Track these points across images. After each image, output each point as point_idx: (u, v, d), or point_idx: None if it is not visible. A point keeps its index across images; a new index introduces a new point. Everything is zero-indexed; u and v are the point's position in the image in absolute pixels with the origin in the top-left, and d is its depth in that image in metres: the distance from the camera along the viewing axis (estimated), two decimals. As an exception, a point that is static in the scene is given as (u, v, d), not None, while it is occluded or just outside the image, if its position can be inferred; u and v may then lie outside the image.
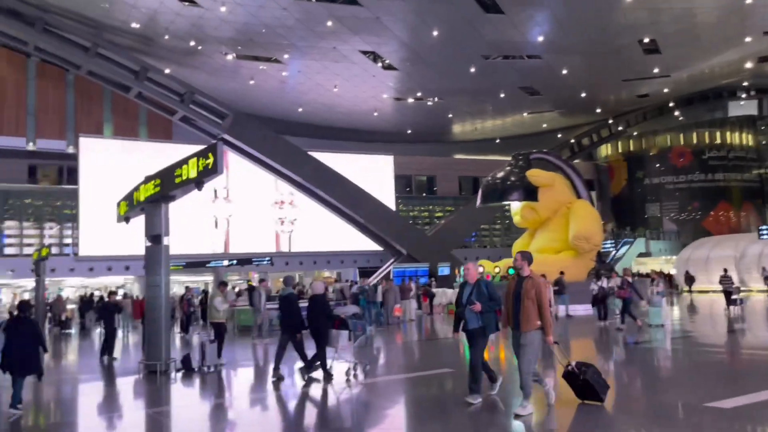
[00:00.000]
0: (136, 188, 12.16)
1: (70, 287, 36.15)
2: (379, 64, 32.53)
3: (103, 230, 29.79)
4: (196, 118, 31.33)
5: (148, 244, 11.69)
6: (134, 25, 29.23)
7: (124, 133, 34.32)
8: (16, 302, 26.82)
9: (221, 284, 13.74)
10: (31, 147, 33.34)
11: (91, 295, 29.58)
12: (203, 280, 34.87)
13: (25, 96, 33.04)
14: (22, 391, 8.57)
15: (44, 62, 32.88)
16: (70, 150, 34.13)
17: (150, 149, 33.85)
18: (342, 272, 39.89)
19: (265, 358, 13.80)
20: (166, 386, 10.75)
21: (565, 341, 14.17)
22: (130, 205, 12.80)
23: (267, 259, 32.78)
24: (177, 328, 21.57)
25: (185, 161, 10.04)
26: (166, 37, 30.09)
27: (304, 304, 10.98)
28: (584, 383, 7.34)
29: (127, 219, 13.32)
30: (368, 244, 37.23)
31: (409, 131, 43.60)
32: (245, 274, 37.77)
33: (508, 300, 7.31)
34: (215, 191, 35.13)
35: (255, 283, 22.91)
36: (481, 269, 8.60)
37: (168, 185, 10.67)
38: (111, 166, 32.39)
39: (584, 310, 20.77)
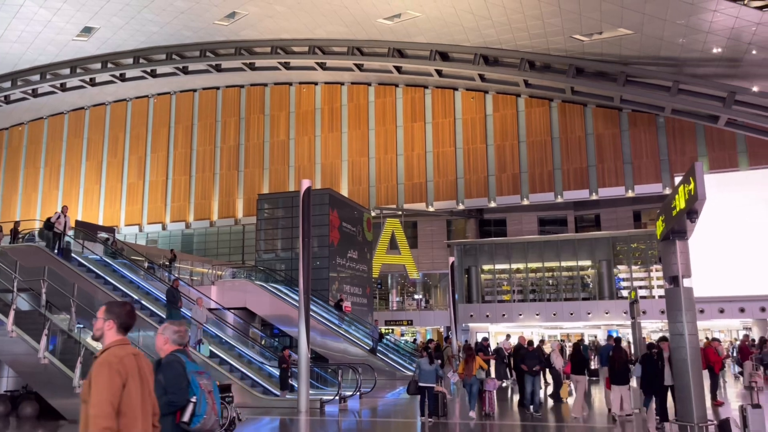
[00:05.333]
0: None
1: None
2: None
3: (712, 269, 28.28)
4: (802, 133, 26.67)
5: (668, 286, 10.50)
6: (716, 51, 27.68)
7: (721, 165, 32.05)
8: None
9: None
10: (630, 194, 34.95)
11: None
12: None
13: (621, 147, 35.10)
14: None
15: (634, 111, 34.35)
16: (666, 191, 34.16)
17: (756, 178, 30.93)
18: None
19: None
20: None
21: None
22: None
23: None
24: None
25: (676, 190, 8.71)
26: (754, 52, 27.15)
27: None
28: None
29: (659, 259, 12.36)
30: None
31: None
32: None
33: None
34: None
35: None
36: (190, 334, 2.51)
37: (669, 219, 9.44)
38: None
39: None
